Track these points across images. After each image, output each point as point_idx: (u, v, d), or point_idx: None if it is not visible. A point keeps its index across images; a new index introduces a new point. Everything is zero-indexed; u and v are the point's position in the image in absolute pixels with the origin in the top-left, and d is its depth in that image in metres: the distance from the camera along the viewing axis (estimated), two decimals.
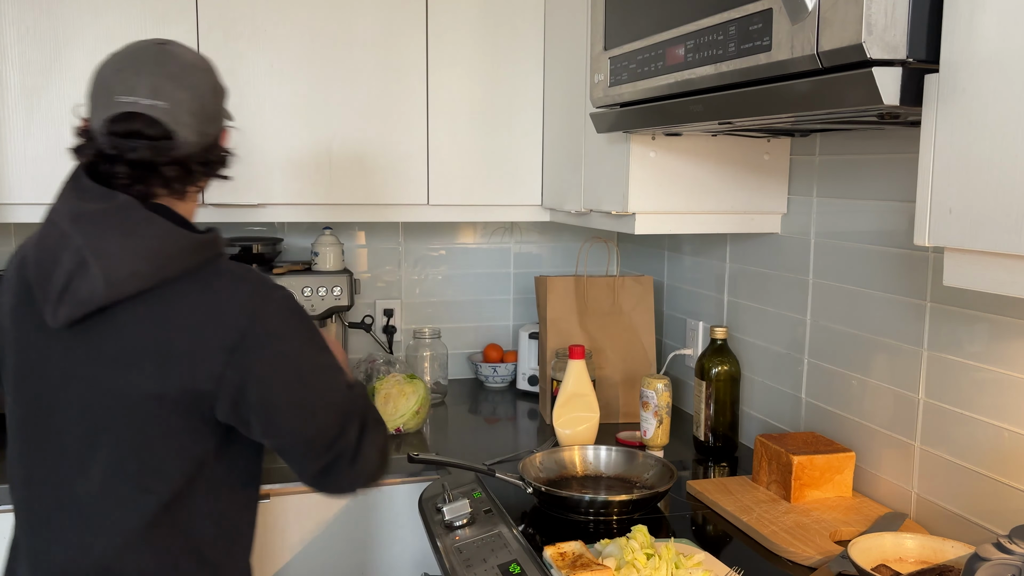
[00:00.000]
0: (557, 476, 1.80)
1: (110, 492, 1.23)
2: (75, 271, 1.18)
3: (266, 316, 1.24)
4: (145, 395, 1.21)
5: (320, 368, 1.29)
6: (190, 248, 1.24)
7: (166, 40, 1.31)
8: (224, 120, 1.36)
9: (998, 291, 0.95)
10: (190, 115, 1.26)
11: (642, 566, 1.31)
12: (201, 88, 1.29)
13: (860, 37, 0.98)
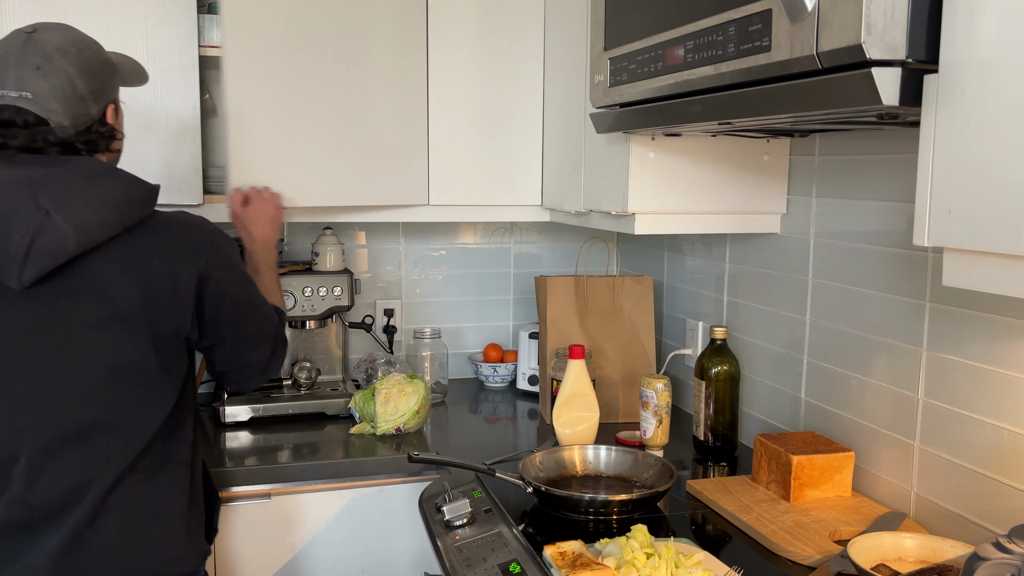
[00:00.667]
0: (557, 476, 1.80)
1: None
2: (38, 228, 1.27)
3: (219, 244, 1.47)
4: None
5: (250, 282, 1.57)
6: (147, 197, 1.42)
7: (35, 27, 1.41)
8: (107, 96, 1.45)
9: (997, 291, 0.95)
10: (57, 101, 1.36)
11: (642, 565, 1.31)
12: (68, 73, 1.37)
13: (859, 37, 0.98)
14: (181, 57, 2.09)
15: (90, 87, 1.40)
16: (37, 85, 1.34)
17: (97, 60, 1.43)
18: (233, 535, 1.89)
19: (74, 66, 1.39)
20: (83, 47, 1.42)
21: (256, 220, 1.87)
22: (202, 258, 1.43)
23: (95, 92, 1.41)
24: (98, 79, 1.42)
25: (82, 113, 1.39)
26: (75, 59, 1.39)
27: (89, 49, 1.43)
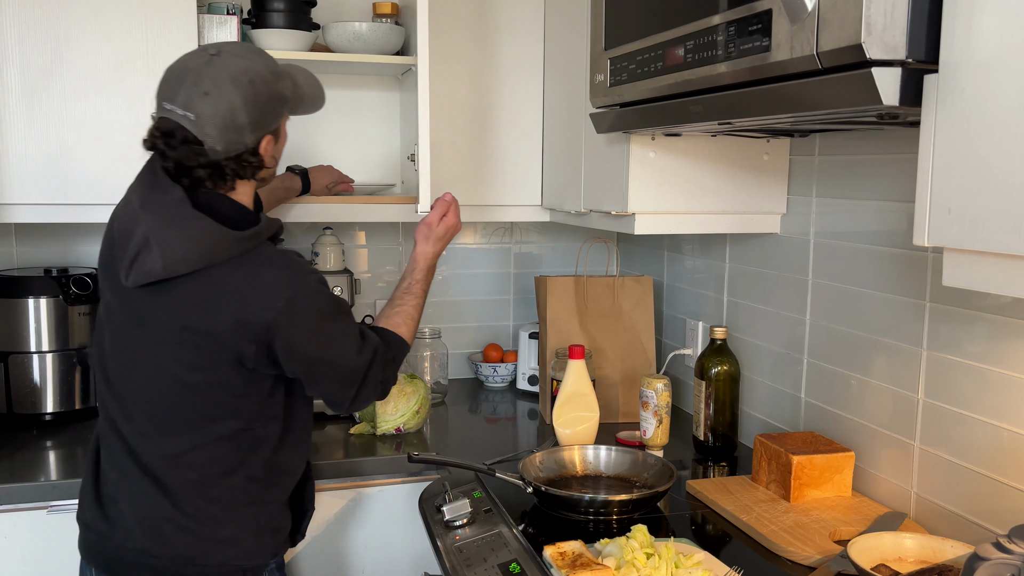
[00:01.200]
0: (557, 476, 1.80)
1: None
2: (143, 247, 1.42)
3: (295, 301, 1.46)
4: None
5: (331, 336, 1.54)
6: (232, 242, 1.45)
7: (220, 50, 1.47)
8: (267, 127, 1.49)
9: (997, 291, 0.95)
10: (215, 128, 1.42)
11: (642, 565, 1.31)
12: (232, 103, 1.43)
13: (859, 37, 0.98)
14: None
15: (251, 118, 1.45)
16: (202, 109, 1.42)
17: (266, 92, 1.47)
18: None
19: (240, 97, 1.43)
20: (256, 79, 1.46)
21: (444, 236, 1.85)
22: (270, 313, 1.44)
23: (255, 123, 1.46)
24: (261, 111, 1.47)
25: (236, 141, 1.46)
26: (244, 90, 1.44)
27: (261, 81, 1.46)
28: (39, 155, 2.03)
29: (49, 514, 1.82)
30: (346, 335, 1.57)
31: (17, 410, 2.15)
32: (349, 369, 1.56)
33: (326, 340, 1.53)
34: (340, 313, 1.57)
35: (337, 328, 1.55)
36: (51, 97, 2.03)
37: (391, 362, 1.65)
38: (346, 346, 1.56)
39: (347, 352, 1.56)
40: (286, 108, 1.53)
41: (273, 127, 1.51)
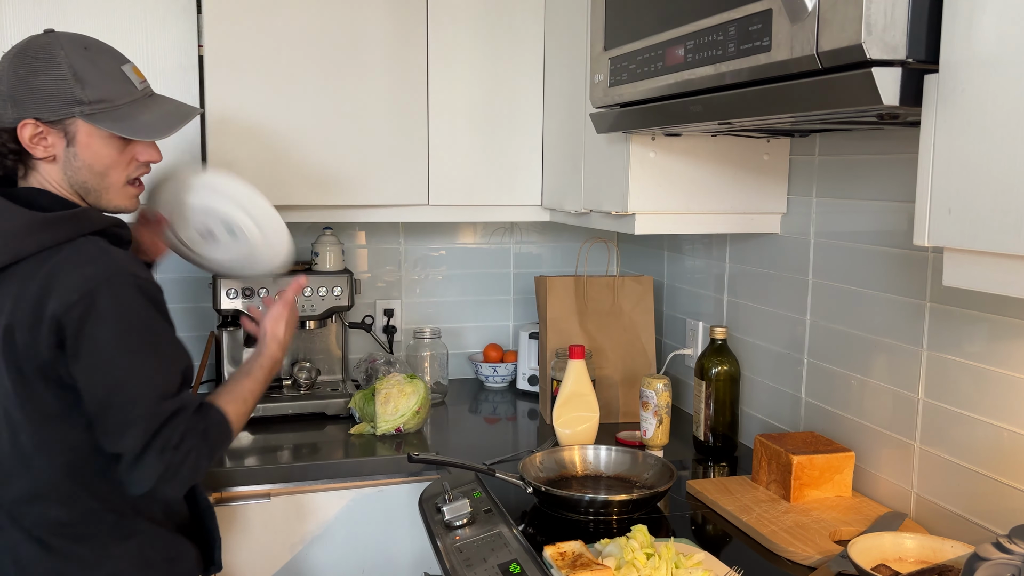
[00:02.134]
0: (557, 476, 1.80)
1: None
2: None
3: (99, 296, 1.31)
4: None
5: (131, 357, 1.34)
6: (36, 225, 1.34)
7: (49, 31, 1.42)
8: (29, 111, 1.36)
9: (998, 291, 0.95)
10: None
11: (642, 566, 1.31)
12: (2, 68, 1.37)
13: (860, 37, 0.98)
14: (181, 57, 2.09)
15: (12, 91, 1.36)
16: None
17: (46, 73, 1.35)
18: (233, 535, 1.89)
19: (13, 67, 1.37)
20: (43, 56, 1.36)
21: (290, 327, 1.66)
22: (63, 307, 1.29)
23: (17, 100, 1.36)
24: (29, 89, 1.35)
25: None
26: (20, 62, 1.36)
27: (47, 61, 1.36)
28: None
29: None
30: (153, 368, 1.34)
31: None
32: (140, 412, 1.31)
33: (122, 359, 1.32)
34: (155, 337, 1.36)
35: (143, 352, 1.33)
36: None
37: (201, 438, 1.36)
38: (146, 379, 1.32)
39: (144, 387, 1.32)
40: (74, 107, 1.37)
41: (42, 115, 1.36)
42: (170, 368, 1.37)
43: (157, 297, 1.39)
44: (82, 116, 1.38)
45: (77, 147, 1.40)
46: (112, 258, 1.35)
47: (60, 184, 1.43)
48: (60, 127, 1.38)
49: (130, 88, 1.44)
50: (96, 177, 1.43)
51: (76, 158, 1.41)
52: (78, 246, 1.35)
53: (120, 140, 1.43)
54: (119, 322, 1.32)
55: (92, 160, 1.42)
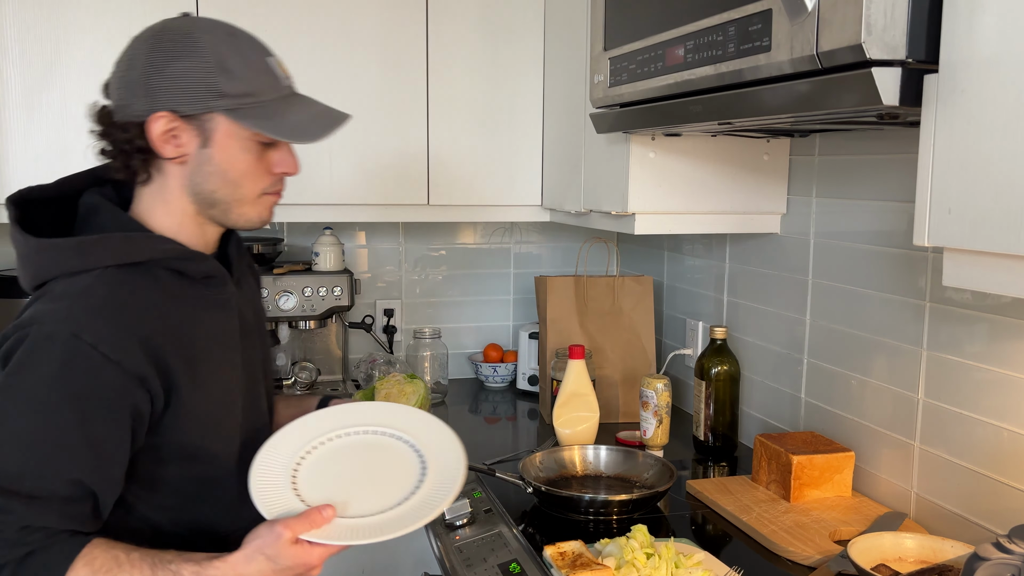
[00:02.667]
0: (557, 476, 1.80)
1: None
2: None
3: (7, 347, 1.10)
4: None
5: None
6: (35, 251, 1.16)
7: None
8: (166, 102, 1.15)
9: (998, 291, 0.95)
10: (115, 78, 1.18)
11: (642, 566, 1.31)
12: (135, 50, 1.17)
13: (860, 37, 0.98)
14: None
15: (146, 79, 1.14)
16: (119, 61, 1.18)
17: (187, 60, 1.14)
18: None
19: (147, 51, 1.15)
20: (183, 41, 1.14)
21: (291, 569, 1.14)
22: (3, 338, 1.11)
23: (151, 88, 1.14)
24: (167, 78, 1.14)
25: (124, 102, 1.16)
26: (156, 46, 1.15)
27: (188, 47, 1.14)
28: (39, 154, 2.03)
29: None
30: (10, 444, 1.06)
31: None
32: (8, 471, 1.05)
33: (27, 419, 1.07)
34: (30, 408, 1.07)
35: (5, 419, 1.07)
36: (51, 96, 2.03)
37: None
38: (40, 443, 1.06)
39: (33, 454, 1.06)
40: (215, 101, 1.16)
41: (180, 108, 1.15)
42: (29, 461, 1.06)
43: (99, 376, 1.08)
44: (224, 111, 1.16)
45: (213, 148, 1.18)
46: (70, 306, 1.11)
47: (180, 194, 1.21)
48: (196, 123, 1.16)
49: (276, 83, 1.20)
50: (228, 186, 1.21)
51: (209, 162, 1.19)
52: (76, 281, 1.14)
53: (259, 146, 1.20)
54: (8, 380, 1.08)
55: (227, 165, 1.19)
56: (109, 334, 1.09)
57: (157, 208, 1.22)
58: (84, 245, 1.16)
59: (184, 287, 1.21)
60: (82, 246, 1.16)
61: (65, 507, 1.08)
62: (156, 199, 1.22)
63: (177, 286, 1.20)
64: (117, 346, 1.09)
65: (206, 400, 1.21)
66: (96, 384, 1.08)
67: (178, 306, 1.19)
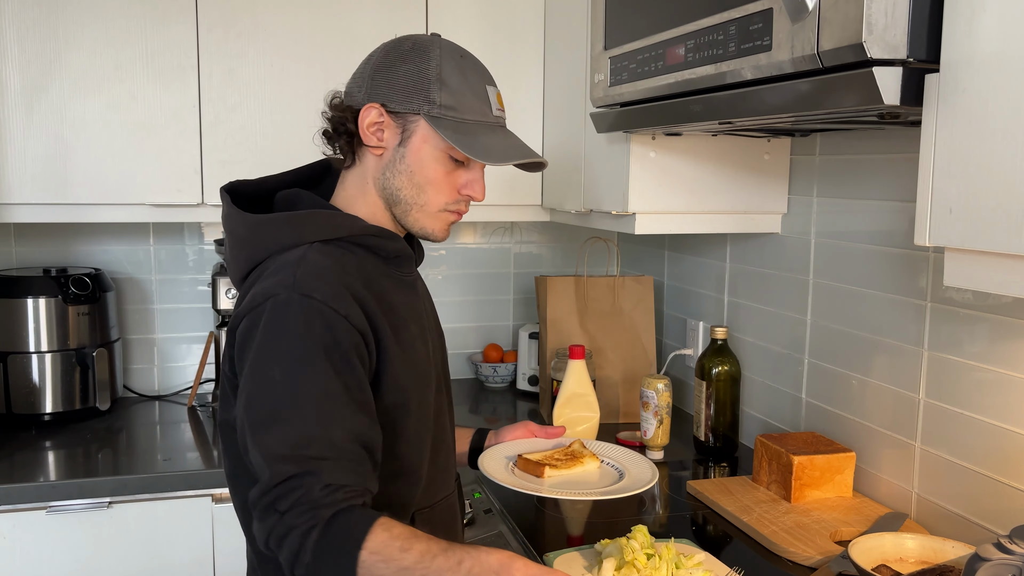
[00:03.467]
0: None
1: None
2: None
3: (257, 316, 1.15)
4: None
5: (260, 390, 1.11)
6: (257, 227, 1.23)
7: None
8: (380, 95, 1.24)
9: (998, 291, 0.95)
10: (355, 73, 1.29)
11: (642, 566, 1.31)
12: (375, 51, 1.28)
13: (860, 37, 0.97)
14: (181, 57, 2.09)
15: (374, 73, 1.25)
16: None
17: (413, 64, 1.24)
18: (235, 534, 1.89)
19: (384, 53, 1.26)
20: (418, 49, 1.25)
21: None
22: (236, 320, 1.18)
23: (375, 82, 1.25)
24: (390, 75, 1.24)
25: (351, 91, 1.27)
26: (393, 49, 1.26)
27: (420, 54, 1.24)
28: (38, 155, 2.03)
29: (48, 514, 1.82)
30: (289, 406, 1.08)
31: (16, 410, 2.15)
32: (256, 463, 1.09)
33: (253, 390, 1.11)
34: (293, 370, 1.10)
35: (276, 388, 1.10)
36: (51, 97, 2.03)
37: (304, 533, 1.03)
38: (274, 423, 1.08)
39: (270, 438, 1.07)
40: (423, 105, 1.23)
41: (391, 104, 1.24)
42: (311, 422, 1.08)
43: (337, 330, 1.13)
44: (427, 116, 1.24)
45: (408, 148, 1.26)
46: (293, 273, 1.16)
47: (372, 186, 1.29)
48: (401, 121, 1.25)
49: (484, 109, 1.27)
50: (412, 189, 1.28)
51: (402, 160, 1.26)
52: (289, 255, 1.20)
53: (452, 161, 1.27)
54: (269, 338, 1.12)
55: (416, 168, 1.26)
56: (333, 292, 1.15)
57: (356, 197, 1.30)
58: (293, 220, 1.23)
59: (379, 264, 1.28)
60: (291, 220, 1.23)
61: (357, 464, 1.09)
62: (355, 187, 1.30)
63: (373, 262, 1.27)
64: (343, 302, 1.15)
65: (407, 367, 1.24)
66: (337, 336, 1.13)
67: (377, 279, 1.26)
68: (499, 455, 1.48)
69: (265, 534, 1.06)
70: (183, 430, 2.20)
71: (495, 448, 1.51)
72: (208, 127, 2.13)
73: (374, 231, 1.27)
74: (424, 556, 1.04)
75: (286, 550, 1.04)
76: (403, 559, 1.03)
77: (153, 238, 2.46)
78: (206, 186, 2.15)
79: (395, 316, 1.25)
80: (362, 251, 1.26)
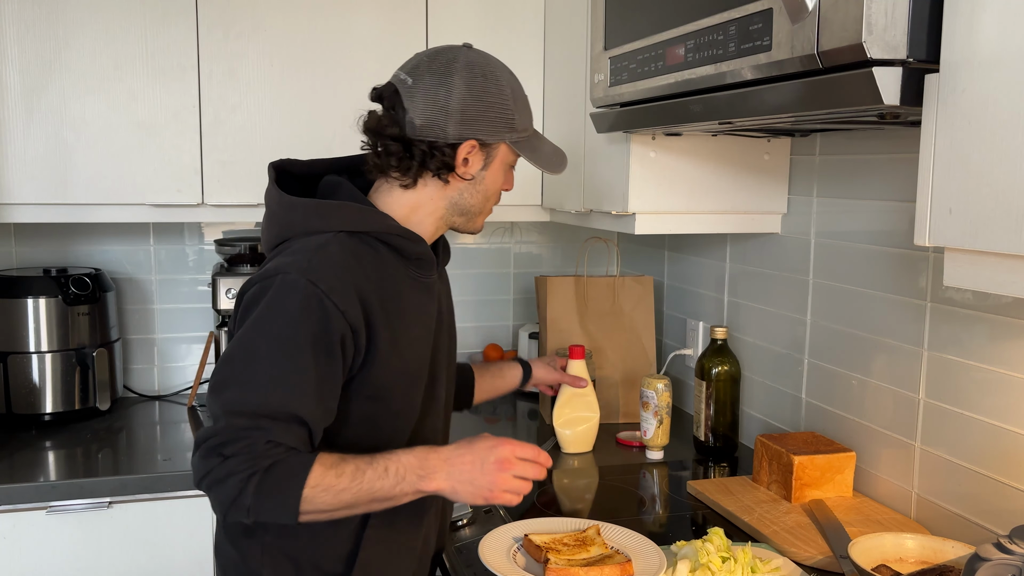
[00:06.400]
0: None
1: None
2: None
3: (266, 287, 1.23)
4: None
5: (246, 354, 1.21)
6: (286, 209, 1.30)
7: (473, 46, 1.36)
8: (474, 131, 1.30)
9: (998, 291, 0.95)
10: (424, 99, 1.29)
11: (717, 569, 1.29)
12: (452, 83, 1.29)
13: (860, 37, 0.97)
14: (181, 57, 2.09)
15: (463, 108, 1.29)
16: (422, 78, 1.29)
17: (495, 96, 1.31)
18: None
19: (464, 82, 1.29)
20: (491, 76, 1.31)
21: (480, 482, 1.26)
22: (248, 286, 1.27)
23: (465, 117, 1.29)
24: (478, 109, 1.30)
25: (437, 123, 1.29)
26: (473, 78, 1.30)
27: (495, 83, 1.31)
28: (39, 155, 2.03)
29: (48, 514, 1.82)
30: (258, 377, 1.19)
31: (16, 410, 2.15)
32: (216, 409, 1.20)
33: (237, 350, 1.21)
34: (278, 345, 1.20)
35: (258, 354, 1.20)
36: (51, 97, 2.03)
37: (250, 475, 1.16)
38: (244, 383, 1.19)
39: (235, 394, 1.19)
40: (508, 133, 1.33)
41: (484, 137, 1.31)
42: (274, 391, 1.19)
43: (330, 321, 1.21)
44: (510, 142, 1.34)
45: (488, 171, 1.35)
46: (309, 258, 1.23)
47: (439, 202, 1.35)
48: (487, 150, 1.33)
49: (532, 118, 1.40)
50: (482, 201, 1.38)
51: (481, 182, 1.35)
52: (314, 239, 1.26)
53: (510, 169, 1.40)
54: (255, 314, 1.21)
55: (490, 185, 1.37)
56: (339, 286, 1.22)
57: (397, 200, 1.35)
58: (323, 208, 1.29)
59: (399, 264, 1.33)
60: (321, 208, 1.29)
61: (298, 430, 1.21)
62: (408, 200, 1.35)
63: (393, 261, 1.32)
64: (344, 297, 1.22)
65: (396, 367, 1.30)
66: (327, 328, 1.21)
67: (392, 278, 1.31)
68: (506, 536, 1.43)
69: (202, 473, 1.18)
70: (183, 430, 2.20)
71: (503, 529, 1.46)
72: (208, 127, 2.13)
73: (400, 231, 1.32)
74: (356, 474, 1.20)
75: (222, 493, 1.17)
76: (339, 483, 1.19)
77: (153, 238, 2.46)
78: (206, 186, 2.15)
79: (400, 317, 1.31)
80: (385, 249, 1.31)
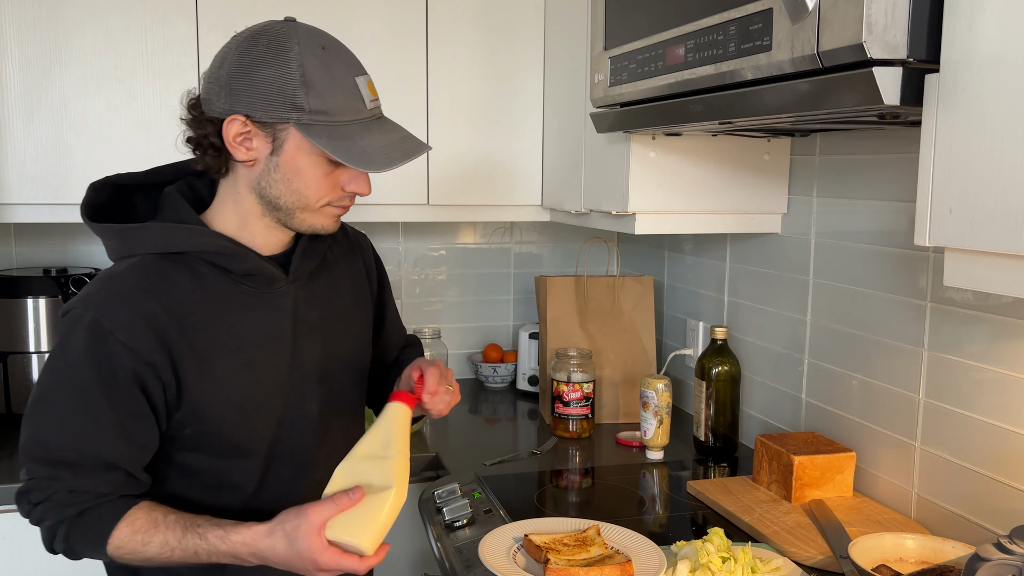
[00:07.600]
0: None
1: None
2: None
3: (60, 324, 1.22)
4: None
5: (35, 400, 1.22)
6: (97, 232, 1.25)
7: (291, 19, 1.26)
8: (241, 105, 1.17)
9: (998, 291, 0.95)
10: (208, 74, 1.21)
11: (717, 569, 1.29)
12: (228, 49, 1.20)
13: (860, 37, 0.97)
14: (181, 57, 2.09)
15: (231, 79, 1.17)
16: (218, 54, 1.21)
17: (273, 67, 1.16)
18: None
19: (240, 52, 1.17)
20: (278, 49, 1.16)
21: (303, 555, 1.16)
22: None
23: (233, 89, 1.17)
24: (249, 82, 1.16)
25: (209, 96, 1.19)
26: (249, 48, 1.17)
27: (280, 54, 1.16)
28: (38, 155, 2.03)
29: None
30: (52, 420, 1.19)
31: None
32: (20, 451, 1.22)
33: (35, 390, 1.22)
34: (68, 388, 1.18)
35: (48, 397, 1.20)
36: (51, 97, 2.03)
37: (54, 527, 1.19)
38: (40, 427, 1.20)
39: (33, 437, 1.20)
40: (291, 112, 1.17)
41: (254, 113, 1.17)
42: (69, 436, 1.18)
43: (118, 359, 1.17)
44: (297, 125, 1.17)
45: (281, 157, 1.20)
46: (100, 288, 1.20)
47: (247, 194, 1.24)
48: (269, 131, 1.19)
49: (358, 105, 1.21)
50: (291, 195, 1.23)
51: (276, 169, 1.21)
52: (114, 267, 1.23)
53: (329, 162, 1.21)
54: (52, 359, 1.21)
55: (292, 176, 1.21)
56: (126, 321, 1.17)
57: (228, 204, 1.27)
58: (126, 232, 1.23)
59: (226, 283, 1.25)
60: (124, 233, 1.23)
61: (105, 474, 1.19)
62: (228, 194, 1.27)
63: (217, 281, 1.24)
64: (132, 333, 1.17)
65: (222, 396, 1.24)
66: (116, 367, 1.17)
67: (211, 300, 1.23)
68: (506, 536, 1.43)
69: (24, 514, 1.20)
70: None
71: (503, 529, 1.45)
72: None
73: (217, 249, 1.23)
74: (163, 548, 1.17)
75: (41, 535, 1.20)
76: (145, 551, 1.17)
77: None
78: None
79: (219, 343, 1.23)
80: (207, 268, 1.24)
